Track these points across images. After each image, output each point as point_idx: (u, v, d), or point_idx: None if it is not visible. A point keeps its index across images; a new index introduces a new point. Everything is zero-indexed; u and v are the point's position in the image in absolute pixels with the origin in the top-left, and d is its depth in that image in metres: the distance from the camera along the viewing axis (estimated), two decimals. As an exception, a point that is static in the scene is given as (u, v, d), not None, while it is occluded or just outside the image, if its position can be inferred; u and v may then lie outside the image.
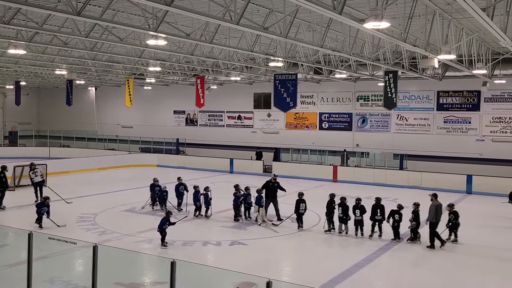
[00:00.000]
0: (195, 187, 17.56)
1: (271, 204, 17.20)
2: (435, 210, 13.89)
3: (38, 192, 19.37)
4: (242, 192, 17.21)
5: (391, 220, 14.55)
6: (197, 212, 17.40)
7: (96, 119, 44.19)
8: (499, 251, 14.00)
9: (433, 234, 13.87)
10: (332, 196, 15.68)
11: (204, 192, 17.22)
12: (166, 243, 13.68)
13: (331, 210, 15.47)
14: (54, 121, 46.40)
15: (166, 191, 18.54)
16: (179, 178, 18.85)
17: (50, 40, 19.18)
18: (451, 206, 14.44)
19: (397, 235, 14.55)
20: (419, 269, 12.42)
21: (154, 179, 19.03)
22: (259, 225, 16.33)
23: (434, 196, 14.32)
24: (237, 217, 16.91)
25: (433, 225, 13.90)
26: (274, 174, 17.88)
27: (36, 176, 19.55)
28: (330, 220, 15.51)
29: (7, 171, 19.27)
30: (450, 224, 14.27)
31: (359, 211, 14.94)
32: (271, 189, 17.26)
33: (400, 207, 14.66)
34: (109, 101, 43.58)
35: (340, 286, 10.74)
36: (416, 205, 14.48)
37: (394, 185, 25.55)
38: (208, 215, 17.25)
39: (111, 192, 22.51)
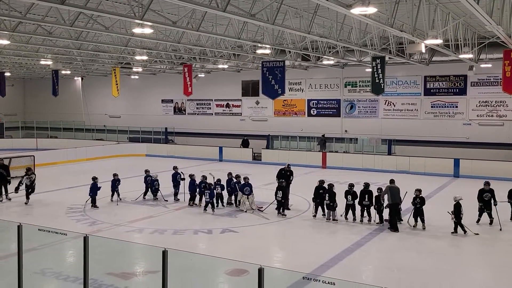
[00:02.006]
0: (191, 176, 17.55)
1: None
2: (389, 192, 14.30)
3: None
4: (234, 180, 17.24)
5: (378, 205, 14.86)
6: (192, 201, 17.41)
7: (83, 109, 43.80)
8: (487, 233, 14.20)
9: (393, 216, 14.26)
10: (321, 182, 15.77)
11: (201, 180, 17.25)
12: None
13: (318, 196, 15.57)
14: (41, 112, 45.91)
15: (157, 180, 18.45)
16: (175, 167, 18.75)
17: (34, 29, 18.89)
18: (419, 191, 14.66)
19: (381, 219, 14.84)
20: (408, 253, 12.57)
21: (145, 170, 18.88)
22: (245, 211, 16.40)
23: (390, 181, 14.73)
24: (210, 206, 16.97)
25: (390, 206, 14.25)
26: (288, 164, 17.87)
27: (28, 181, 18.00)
28: (318, 206, 15.63)
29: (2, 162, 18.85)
30: (414, 208, 14.57)
31: (351, 196, 15.09)
32: (284, 178, 17.23)
33: (381, 190, 14.99)
34: (96, 91, 43.18)
35: (331, 271, 10.84)
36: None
37: (383, 170, 25.72)
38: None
39: (100, 182, 22.36)
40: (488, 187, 14.76)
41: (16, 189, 18.05)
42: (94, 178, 17.48)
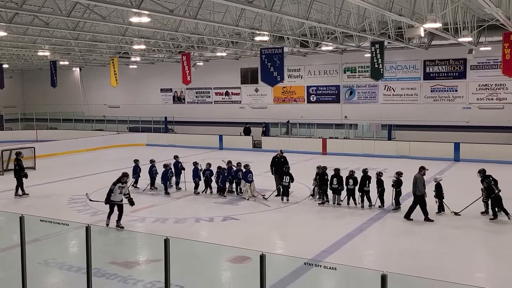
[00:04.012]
0: (195, 164, 17.58)
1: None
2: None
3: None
4: (234, 168, 17.28)
5: (379, 189, 14.99)
6: (196, 189, 17.48)
7: (82, 100, 43.74)
8: (486, 217, 14.24)
9: (421, 207, 13.87)
10: (323, 168, 15.83)
11: (206, 168, 17.39)
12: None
13: (324, 183, 15.64)
14: (40, 103, 45.84)
15: (166, 169, 18.37)
16: (176, 157, 18.73)
17: (31, 20, 18.79)
18: (398, 174, 14.91)
19: (382, 203, 14.99)
20: (409, 237, 12.63)
21: (151, 160, 18.77)
22: (247, 199, 16.45)
23: (419, 168, 14.39)
24: (222, 192, 17.05)
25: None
26: (280, 150, 17.95)
27: (120, 193, 13.11)
28: (324, 193, 15.69)
29: (22, 157, 18.36)
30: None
31: (352, 181, 15.20)
32: (278, 165, 17.29)
33: (380, 174, 15.12)
34: (95, 81, 43.08)
35: (332, 256, 10.90)
36: (398, 174, 14.92)
37: (383, 156, 25.77)
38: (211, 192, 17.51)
39: (101, 172, 22.46)
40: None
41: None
42: (166, 166, 17.66)
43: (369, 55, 21.78)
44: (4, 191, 18.58)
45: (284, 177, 16.23)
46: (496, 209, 13.70)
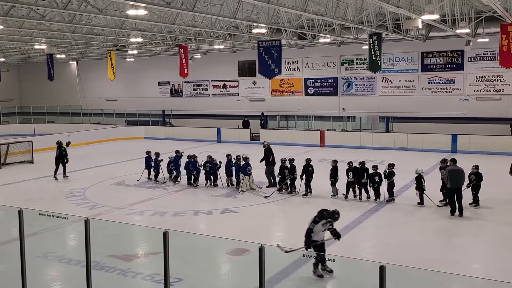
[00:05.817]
0: (194, 157, 17.69)
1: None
2: (449, 176, 13.53)
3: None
4: (234, 161, 17.32)
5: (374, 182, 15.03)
6: (195, 182, 17.56)
7: (79, 93, 43.60)
8: (482, 208, 14.31)
9: (451, 201, 13.49)
10: (308, 161, 15.96)
11: (206, 160, 17.48)
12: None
13: (309, 175, 15.80)
14: (37, 97, 45.67)
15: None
16: (177, 151, 18.77)
17: (27, 13, 18.70)
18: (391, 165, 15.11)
19: (377, 196, 15.01)
20: (407, 229, 12.68)
21: (156, 153, 18.80)
22: (239, 192, 16.44)
23: (451, 161, 14.16)
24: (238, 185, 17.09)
25: (449, 191, 13.64)
26: (264, 141, 18.05)
27: (323, 230, 9.68)
28: (307, 185, 15.87)
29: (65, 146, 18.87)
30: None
31: (352, 173, 15.26)
32: (265, 157, 17.49)
33: (376, 167, 15.16)
34: (92, 75, 42.91)
35: (331, 248, 10.92)
36: (390, 165, 15.06)
37: (381, 148, 25.80)
38: (216, 184, 17.55)
39: (99, 166, 22.45)
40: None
41: None
42: (158, 154, 18.32)
43: (367, 47, 21.74)
44: (3, 185, 18.59)
45: (295, 169, 16.27)
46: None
